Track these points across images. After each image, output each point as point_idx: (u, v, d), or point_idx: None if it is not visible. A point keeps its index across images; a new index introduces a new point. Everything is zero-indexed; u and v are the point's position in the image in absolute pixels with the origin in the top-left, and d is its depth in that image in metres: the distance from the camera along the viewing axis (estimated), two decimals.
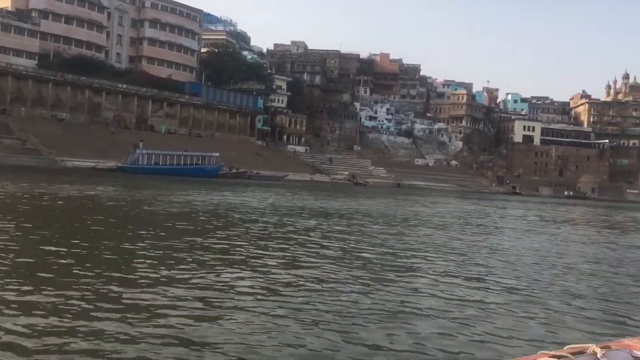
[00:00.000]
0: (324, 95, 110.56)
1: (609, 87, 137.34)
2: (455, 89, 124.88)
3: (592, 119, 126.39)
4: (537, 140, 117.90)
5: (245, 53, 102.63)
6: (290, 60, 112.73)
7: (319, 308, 6.81)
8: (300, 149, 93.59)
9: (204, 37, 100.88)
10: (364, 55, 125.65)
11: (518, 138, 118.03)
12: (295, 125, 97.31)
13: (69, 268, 8.17)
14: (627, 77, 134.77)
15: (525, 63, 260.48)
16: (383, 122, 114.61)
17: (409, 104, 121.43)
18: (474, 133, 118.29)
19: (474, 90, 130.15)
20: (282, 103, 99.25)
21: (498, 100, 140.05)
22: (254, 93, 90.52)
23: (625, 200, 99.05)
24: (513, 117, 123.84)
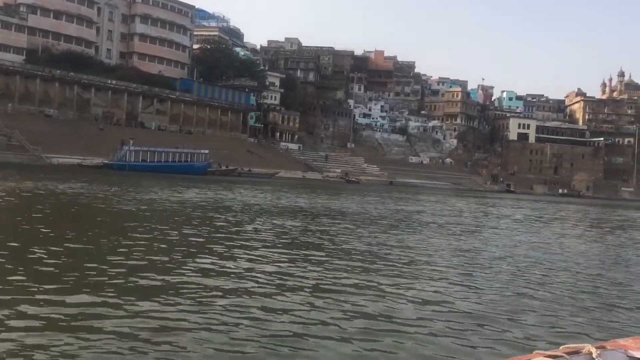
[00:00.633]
0: (318, 92, 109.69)
1: (604, 85, 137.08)
2: (450, 87, 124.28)
3: (587, 117, 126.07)
4: (532, 138, 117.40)
5: (238, 49, 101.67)
6: (284, 57, 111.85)
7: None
8: (293, 147, 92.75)
9: (197, 33, 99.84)
10: (359, 52, 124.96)
11: (513, 136, 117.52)
12: (288, 123, 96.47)
13: None
14: (622, 75, 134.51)
15: (521, 61, 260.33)
16: (377, 119, 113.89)
17: (404, 102, 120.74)
18: (469, 131, 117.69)
19: (469, 88, 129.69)
20: (275, 100, 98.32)
21: (493, 98, 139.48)
22: (247, 90, 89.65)
23: (620, 199, 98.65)
24: (508, 114, 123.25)
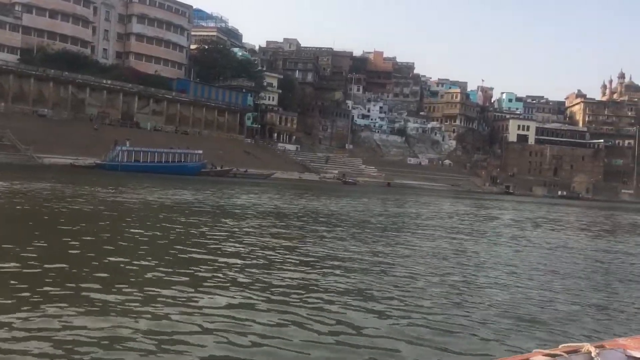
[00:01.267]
0: (316, 93, 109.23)
1: (605, 86, 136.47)
2: (450, 88, 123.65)
3: (587, 119, 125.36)
4: (531, 140, 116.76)
5: (236, 50, 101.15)
6: (282, 58, 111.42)
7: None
8: (291, 147, 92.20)
9: (195, 33, 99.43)
10: (358, 53, 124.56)
11: (512, 137, 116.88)
12: (286, 123, 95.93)
13: None
14: (622, 76, 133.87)
15: (521, 62, 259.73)
16: (376, 120, 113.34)
17: (402, 103, 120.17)
18: (468, 132, 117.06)
19: (469, 89, 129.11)
20: (272, 101, 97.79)
21: (493, 100, 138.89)
22: (244, 90, 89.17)
23: (620, 201, 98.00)
24: (508, 116, 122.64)
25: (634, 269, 12.66)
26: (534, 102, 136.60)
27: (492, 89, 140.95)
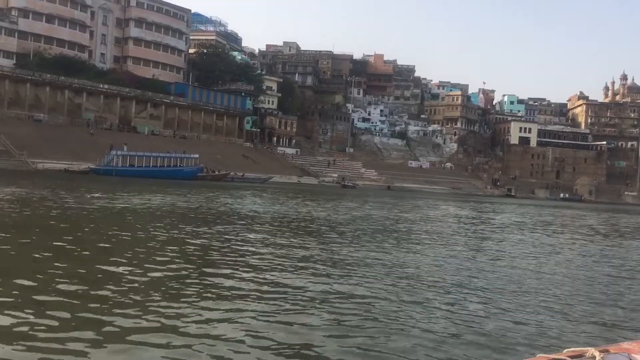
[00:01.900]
0: (316, 97, 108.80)
1: (607, 88, 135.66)
2: (451, 90, 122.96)
3: (589, 121, 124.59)
4: (533, 142, 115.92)
5: (235, 53, 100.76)
6: (282, 61, 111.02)
7: None
8: (290, 151, 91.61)
9: (194, 37, 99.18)
10: (358, 56, 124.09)
11: (514, 140, 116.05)
12: (286, 127, 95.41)
13: None
14: (625, 78, 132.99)
15: (522, 64, 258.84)
16: (376, 123, 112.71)
17: (403, 106, 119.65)
18: (469, 135, 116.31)
19: (470, 92, 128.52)
20: (272, 104, 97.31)
21: (494, 102, 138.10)
22: (243, 94, 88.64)
23: (623, 203, 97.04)
24: (509, 118, 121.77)
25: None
26: (536, 104, 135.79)
27: (493, 92, 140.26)
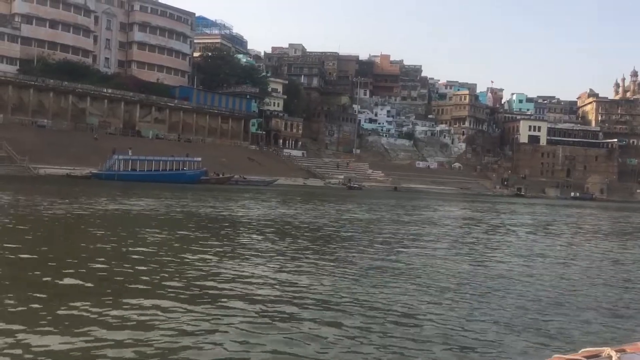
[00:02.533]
0: (322, 98, 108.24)
1: (617, 85, 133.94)
2: (458, 90, 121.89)
3: (600, 118, 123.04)
4: (543, 141, 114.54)
5: (240, 56, 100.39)
6: (287, 63, 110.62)
7: None
8: (297, 153, 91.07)
9: (199, 41, 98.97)
10: (364, 57, 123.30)
11: (523, 139, 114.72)
12: (292, 129, 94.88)
13: None
14: (635, 74, 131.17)
15: (531, 62, 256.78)
16: (383, 124, 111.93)
17: (410, 106, 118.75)
18: (478, 134, 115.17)
19: (478, 91, 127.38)
20: (278, 106, 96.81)
21: (503, 101, 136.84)
22: (248, 96, 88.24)
23: (635, 201, 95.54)
24: (518, 117, 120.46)
25: None
26: (545, 102, 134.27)
27: (502, 90, 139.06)
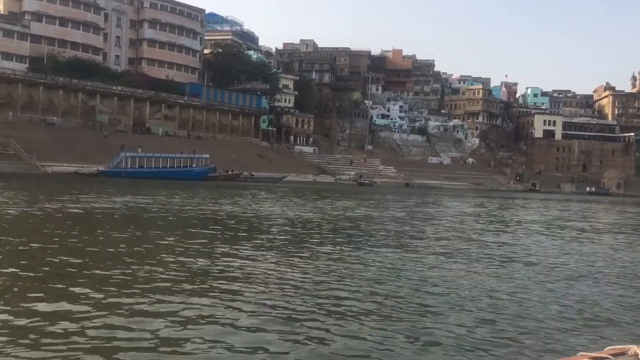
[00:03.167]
0: (334, 94, 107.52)
1: (634, 78, 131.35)
2: (472, 84, 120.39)
3: (616, 112, 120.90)
4: (558, 135, 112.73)
5: (251, 52, 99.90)
6: (299, 59, 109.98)
7: None
8: (308, 150, 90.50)
9: (210, 37, 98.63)
10: (376, 52, 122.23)
11: (538, 133, 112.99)
12: (303, 125, 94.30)
13: None
14: None
15: (546, 56, 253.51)
16: (396, 120, 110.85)
17: (423, 101, 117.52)
18: (491, 129, 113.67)
19: (492, 86, 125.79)
20: (289, 103, 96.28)
21: (517, 95, 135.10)
22: (258, 93, 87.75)
23: None
24: (533, 111, 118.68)
25: None
26: (561, 96, 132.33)
27: (516, 85, 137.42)
